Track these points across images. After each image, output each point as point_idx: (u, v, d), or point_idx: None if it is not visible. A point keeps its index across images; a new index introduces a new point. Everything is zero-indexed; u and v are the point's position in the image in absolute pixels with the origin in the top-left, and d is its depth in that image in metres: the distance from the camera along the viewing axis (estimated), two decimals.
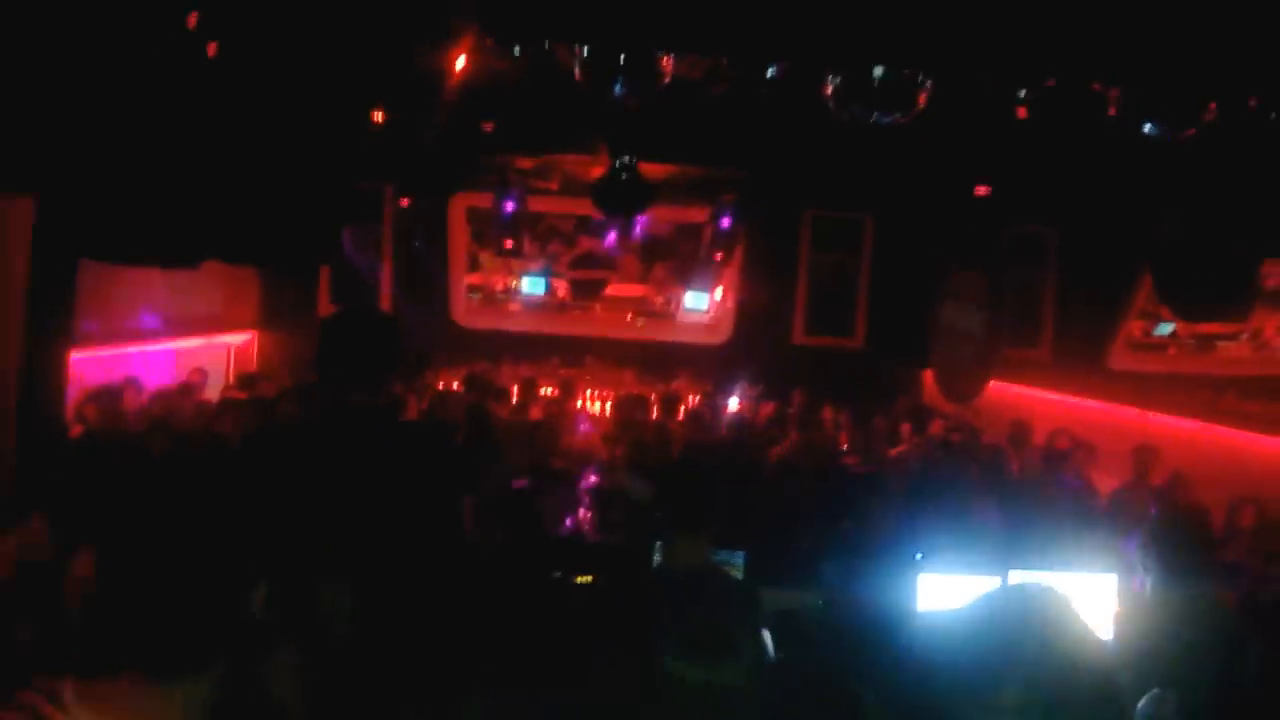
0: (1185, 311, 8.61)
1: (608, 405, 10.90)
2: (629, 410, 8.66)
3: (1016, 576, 4.51)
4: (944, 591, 4.36)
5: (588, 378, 11.55)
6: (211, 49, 5.71)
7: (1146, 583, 4.15)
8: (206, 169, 5.50)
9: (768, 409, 9.61)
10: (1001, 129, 6.39)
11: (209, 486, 1.63)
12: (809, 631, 4.31)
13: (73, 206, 5.09)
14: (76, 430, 6.45)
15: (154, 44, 5.38)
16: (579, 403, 10.77)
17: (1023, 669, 2.39)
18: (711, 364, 11.93)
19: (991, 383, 9.54)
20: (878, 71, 4.71)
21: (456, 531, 3.27)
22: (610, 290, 13.45)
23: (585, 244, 13.74)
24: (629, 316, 13.12)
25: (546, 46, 5.04)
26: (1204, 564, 4.62)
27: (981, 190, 8.27)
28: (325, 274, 11.56)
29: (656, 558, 4.18)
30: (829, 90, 4.91)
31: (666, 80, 4.79)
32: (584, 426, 7.84)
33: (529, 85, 5.99)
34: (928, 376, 11.43)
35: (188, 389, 8.40)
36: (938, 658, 2.84)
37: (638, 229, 11.26)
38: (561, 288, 13.34)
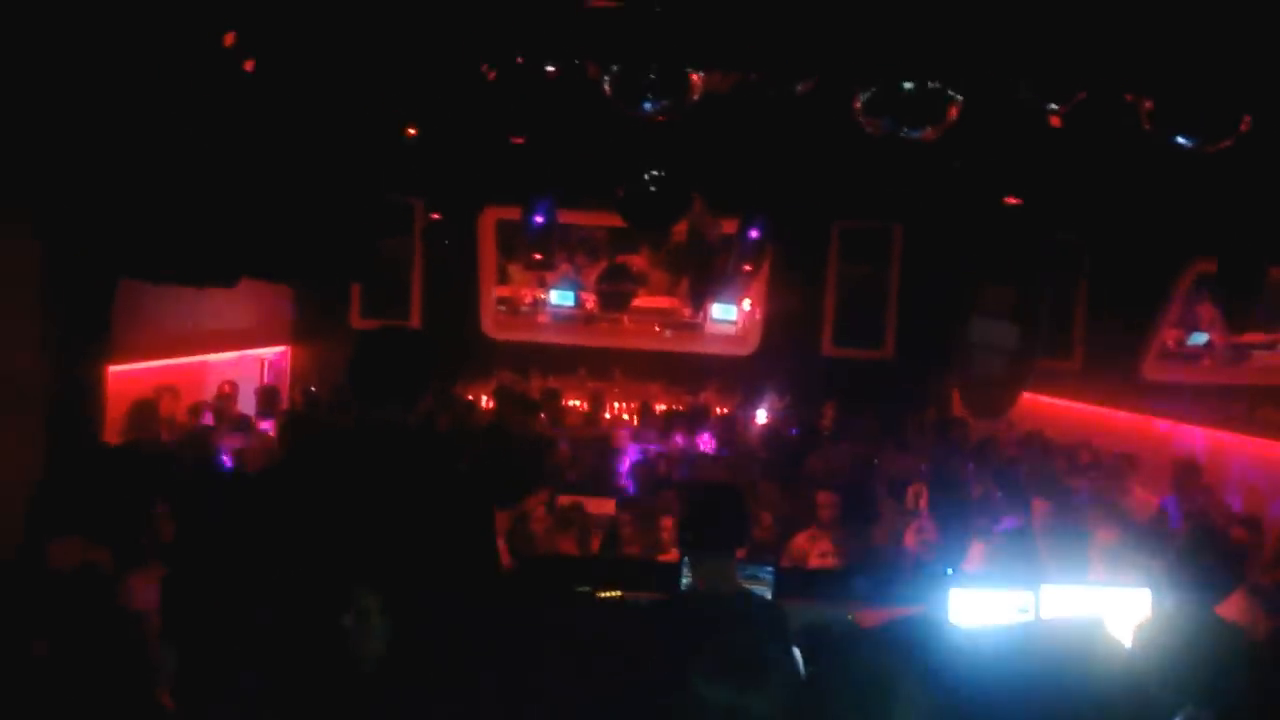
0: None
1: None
2: None
3: (1049, 591, 4.48)
4: (976, 606, 4.34)
5: (616, 390, 11.57)
6: (249, 66, 5.81)
7: (1174, 598, 4.10)
8: (242, 187, 5.59)
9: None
10: (1033, 139, 6.36)
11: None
12: (840, 647, 4.29)
13: (112, 225, 5.18)
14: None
15: (191, 63, 5.47)
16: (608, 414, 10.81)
17: (1061, 698, 2.39)
18: (739, 375, 11.91)
19: (1023, 394, 9.45)
20: (907, 85, 4.70)
21: (484, 548, 3.29)
22: (638, 302, 13.47)
23: (617, 257, 13.77)
24: (657, 328, 13.13)
25: (576, 62, 5.07)
26: (1231, 581, 4.56)
27: (1012, 200, 8.21)
28: (357, 288, 11.69)
29: (685, 576, 4.20)
30: (858, 104, 4.91)
31: (696, 96, 4.82)
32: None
33: (559, 100, 6.03)
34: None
35: (225, 400, 8.54)
36: (977, 683, 2.83)
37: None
38: (590, 300, 13.39)
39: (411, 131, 8.28)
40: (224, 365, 10.05)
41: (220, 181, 5.41)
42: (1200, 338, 12.51)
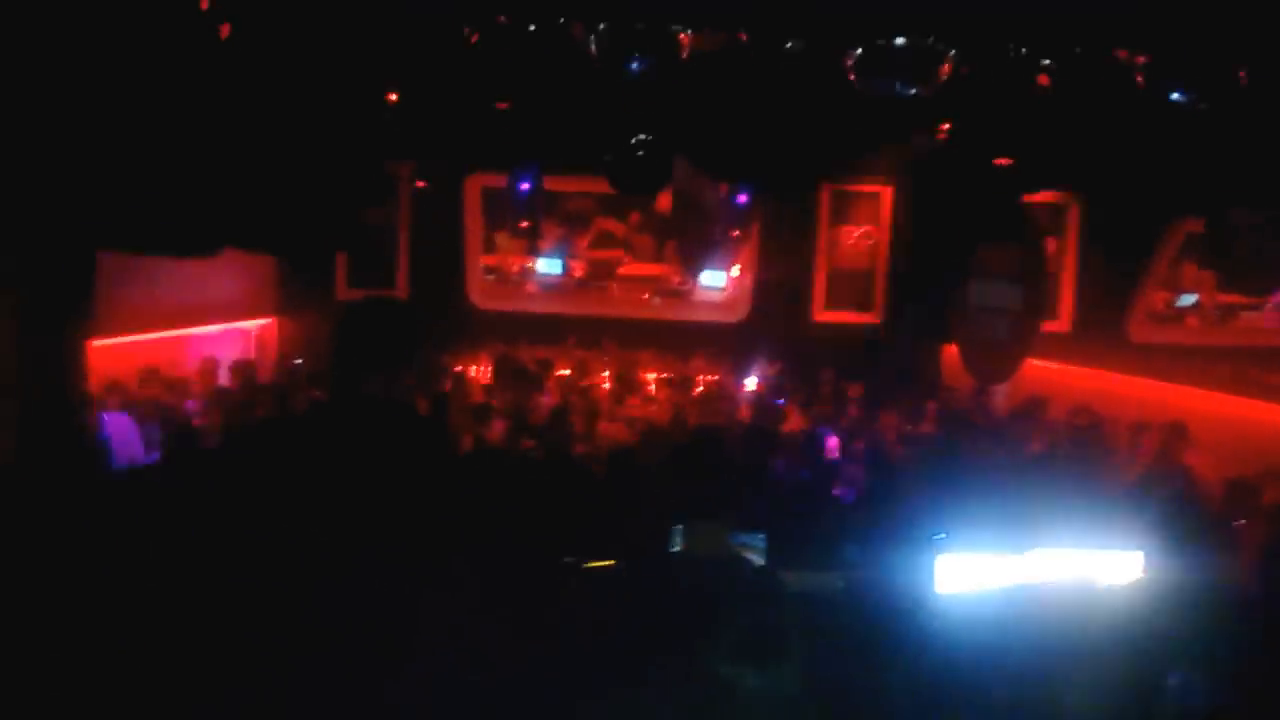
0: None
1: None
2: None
3: (1037, 554, 4.48)
4: (964, 570, 4.33)
5: (605, 359, 11.51)
6: (224, 31, 5.68)
7: (1169, 560, 4.10)
8: (221, 155, 5.48)
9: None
10: (1023, 98, 6.29)
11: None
12: (830, 614, 4.29)
13: (89, 196, 5.08)
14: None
15: (167, 29, 5.35)
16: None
17: (1053, 662, 2.37)
18: (730, 343, 11.87)
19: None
20: (899, 43, 4.63)
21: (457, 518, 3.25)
22: (625, 270, 13.38)
23: (601, 224, 13.66)
24: (645, 296, 13.05)
25: (562, 22, 4.97)
26: (1209, 541, 4.57)
27: (1002, 160, 8.14)
28: (342, 259, 11.57)
29: (676, 543, 4.17)
30: (850, 62, 4.83)
31: (685, 55, 4.72)
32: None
33: (545, 62, 5.92)
34: (949, 353, 11.33)
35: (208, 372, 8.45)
36: (962, 646, 2.82)
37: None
38: (578, 268, 13.29)
39: (393, 97, 8.17)
40: (209, 338, 9.95)
41: (200, 150, 5.30)
42: (1188, 299, 12.52)
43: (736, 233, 11.62)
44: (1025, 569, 4.37)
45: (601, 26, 4.59)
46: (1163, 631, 3.16)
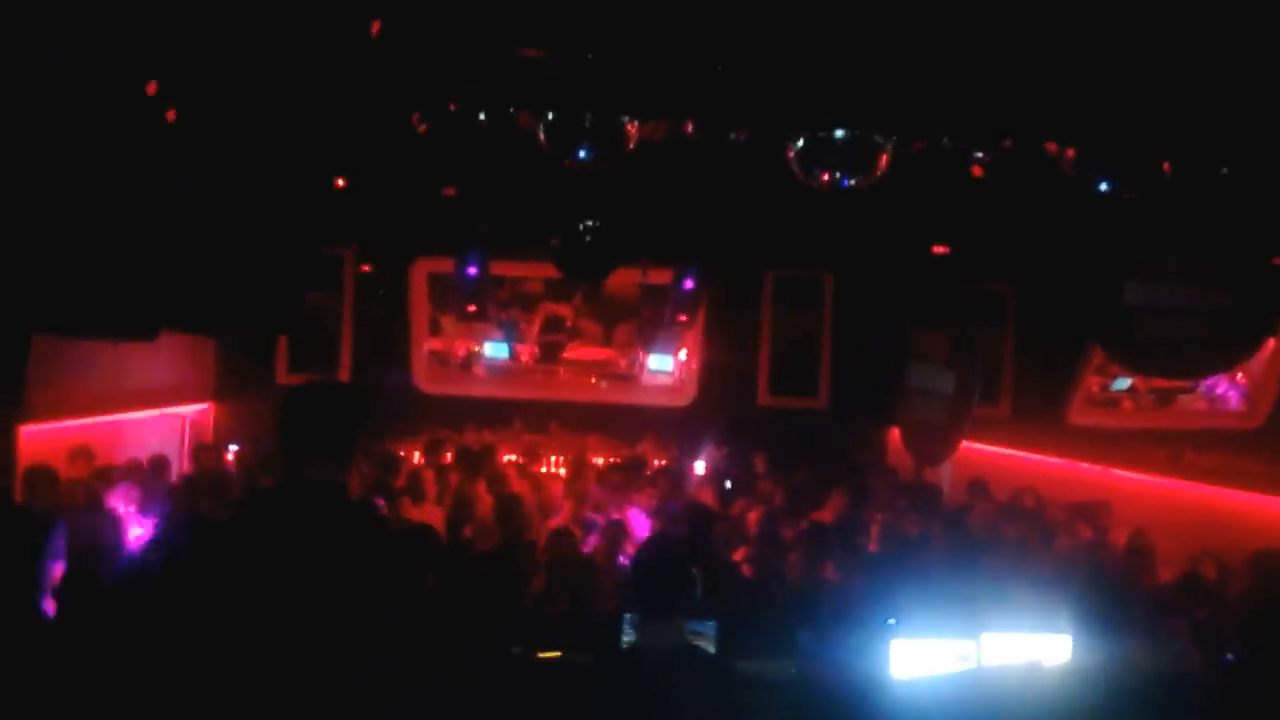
0: (1147, 367, 8.70)
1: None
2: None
3: (990, 639, 4.47)
4: (918, 656, 4.30)
5: (552, 443, 11.42)
6: (170, 115, 5.66)
7: (1096, 643, 4.09)
8: (162, 237, 5.41)
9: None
10: (958, 188, 6.50)
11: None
12: (784, 703, 4.21)
13: (23, 278, 4.96)
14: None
15: (111, 111, 5.31)
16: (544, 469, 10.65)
17: None
18: (677, 426, 11.86)
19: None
20: (839, 134, 4.77)
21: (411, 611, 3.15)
22: (571, 354, 13.39)
23: (550, 308, 13.71)
24: (593, 380, 13.05)
25: (511, 111, 5.04)
26: (1132, 623, 4.57)
27: (940, 249, 8.37)
28: (284, 343, 11.41)
29: (628, 634, 4.08)
30: (791, 154, 4.96)
31: (632, 145, 4.81)
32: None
33: (492, 150, 6.00)
34: (892, 435, 11.45)
35: (159, 467, 8.14)
36: None
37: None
38: (525, 352, 13.27)
39: (340, 183, 8.18)
40: (143, 424, 9.68)
41: (139, 232, 5.22)
42: (1123, 383, 12.82)
43: (684, 318, 11.71)
44: (977, 653, 4.35)
45: (550, 116, 4.67)
46: (1097, 715, 3.14)
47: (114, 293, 5.14)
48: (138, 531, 6.20)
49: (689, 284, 11.20)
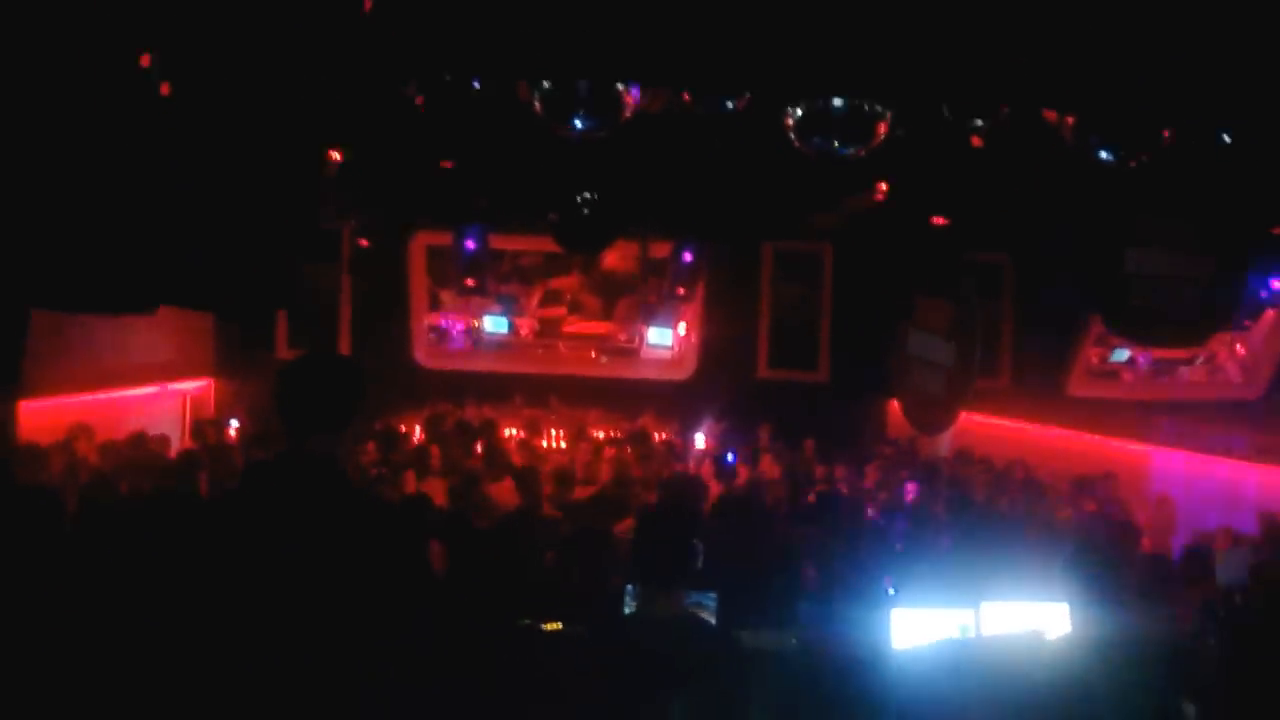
0: (1144, 338, 8.69)
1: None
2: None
3: (989, 608, 4.49)
4: (917, 626, 4.32)
5: (552, 417, 11.43)
6: (164, 89, 5.62)
7: (1095, 612, 4.10)
8: (159, 211, 5.38)
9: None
10: (957, 158, 6.46)
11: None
12: (785, 674, 4.24)
13: (19, 254, 4.94)
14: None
15: (105, 85, 5.27)
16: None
17: (1003, 715, 2.34)
18: (676, 400, 11.87)
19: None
20: (837, 103, 4.74)
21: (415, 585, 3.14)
22: (570, 328, 13.37)
23: (549, 282, 13.67)
24: (592, 354, 13.04)
25: (505, 81, 5.00)
26: (1126, 591, 4.57)
27: (939, 220, 8.33)
28: (283, 318, 11.39)
29: (630, 604, 4.10)
30: (789, 122, 4.93)
31: (628, 114, 4.78)
32: None
33: (490, 122, 5.95)
34: (892, 408, 11.46)
35: (139, 442, 8.15)
36: (916, 703, 2.79)
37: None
38: (524, 326, 13.25)
39: (336, 156, 8.13)
40: (143, 400, 9.70)
41: (136, 206, 5.19)
42: (1123, 354, 12.81)
43: (683, 291, 11.69)
44: (976, 622, 4.37)
45: (546, 85, 4.63)
46: (1098, 684, 3.15)
47: (111, 267, 5.12)
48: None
49: (688, 257, 11.18)
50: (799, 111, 4.86)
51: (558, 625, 4.55)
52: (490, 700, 3.07)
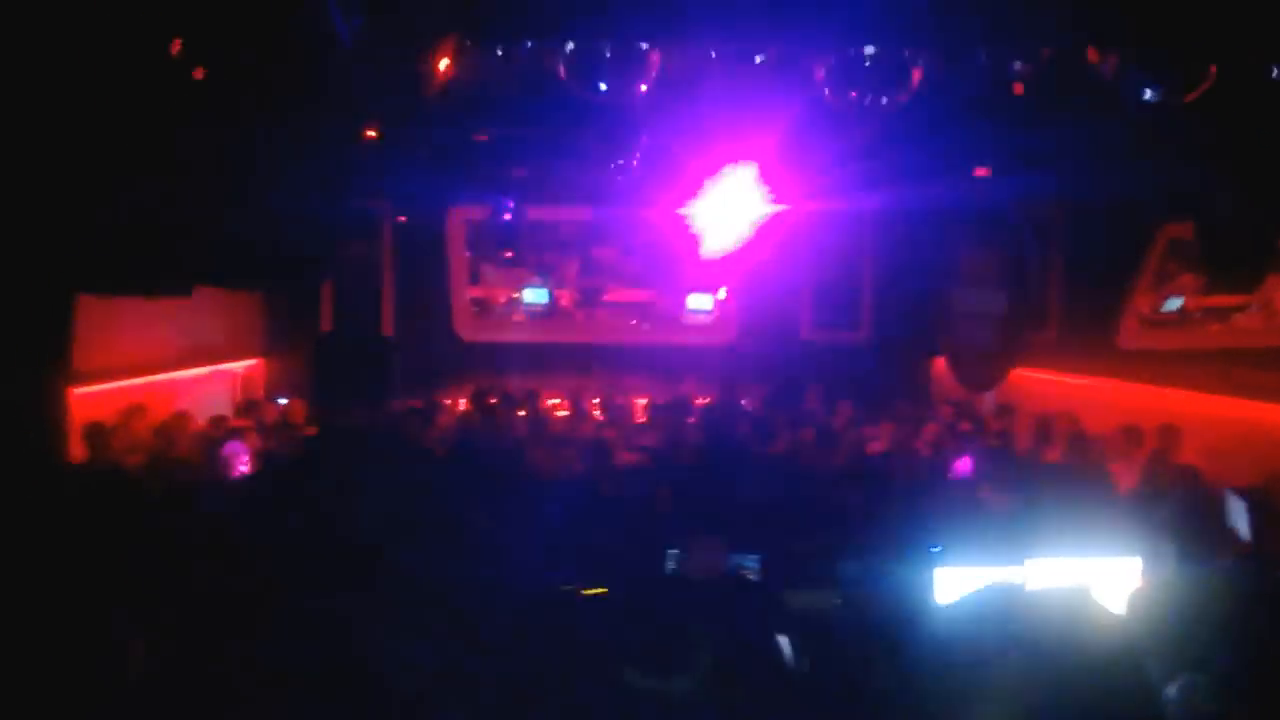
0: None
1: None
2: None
3: (1035, 564, 4.43)
4: (962, 583, 4.27)
5: (595, 386, 11.45)
6: (198, 73, 5.66)
7: (1169, 564, 4.03)
8: (195, 193, 5.45)
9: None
10: (998, 106, 6.30)
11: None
12: (829, 633, 4.22)
13: (60, 239, 5.03)
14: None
15: (141, 71, 5.33)
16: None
17: (1052, 668, 2.30)
18: (719, 364, 11.83)
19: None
20: (869, 51, 4.63)
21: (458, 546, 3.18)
22: (613, 296, 13.36)
23: (592, 251, 13.66)
24: (633, 321, 13.03)
25: (529, 46, 4.96)
26: (1226, 543, 4.49)
27: (981, 171, 8.15)
28: (328, 297, 11.53)
29: (670, 565, 4.10)
30: (821, 74, 4.83)
31: (654, 73, 4.71)
32: None
33: (518, 90, 5.91)
34: (937, 366, 11.31)
35: (181, 419, 8.32)
36: (951, 652, 2.76)
37: None
38: (564, 296, 13.27)
39: (372, 134, 8.15)
40: (195, 381, 9.87)
41: (171, 189, 5.26)
42: (1175, 303, 12.50)
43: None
44: (1024, 579, 4.32)
45: (569, 47, 4.58)
46: (1166, 635, 3.09)
47: (148, 251, 5.19)
48: None
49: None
50: (830, 61, 4.76)
51: (599, 590, 4.56)
52: (532, 664, 3.09)
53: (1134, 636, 3.10)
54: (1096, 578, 4.21)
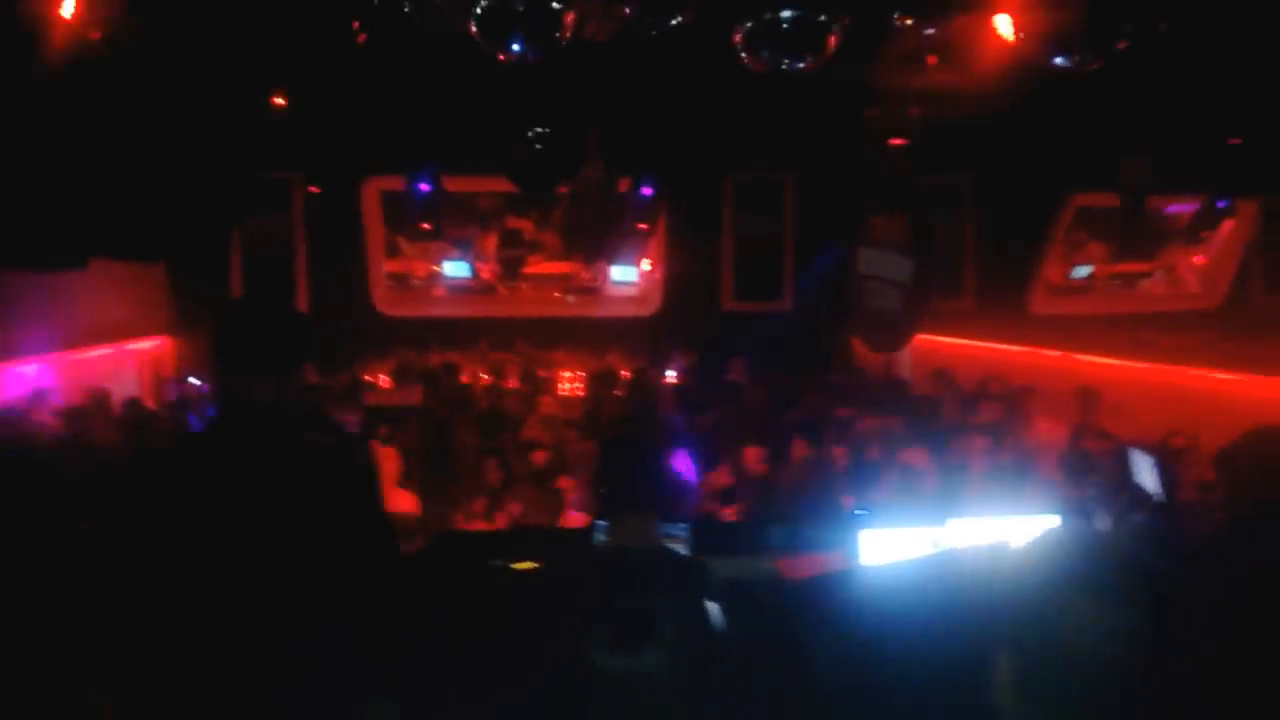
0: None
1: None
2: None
3: (955, 525, 4.50)
4: (886, 545, 4.33)
5: (518, 360, 11.34)
6: (95, 34, 5.37)
7: (1104, 522, 4.12)
8: (87, 162, 5.17)
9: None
10: (913, 77, 6.35)
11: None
12: (758, 599, 4.23)
13: None
14: None
15: (31, 31, 5.03)
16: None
17: (973, 625, 2.31)
18: (643, 336, 11.81)
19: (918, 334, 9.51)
20: (786, 14, 4.60)
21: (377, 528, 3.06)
22: (536, 268, 13.22)
23: (510, 223, 13.47)
24: (556, 294, 12.92)
25: (440, 3, 4.80)
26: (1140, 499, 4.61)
27: (897, 141, 8.23)
28: (237, 273, 11.16)
29: (598, 537, 4.05)
30: (738, 38, 4.78)
31: (568, 35, 4.60)
32: None
33: (429, 54, 5.75)
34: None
35: (101, 404, 7.98)
36: (884, 619, 2.78)
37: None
38: (485, 270, 13.07)
39: (280, 101, 7.86)
40: (99, 361, 9.47)
41: (64, 158, 4.98)
42: (1083, 270, 12.89)
43: (644, 226, 11.54)
44: (946, 539, 4.38)
45: (481, 5, 4.44)
46: (1078, 582, 3.14)
47: (39, 222, 4.92)
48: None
49: (647, 191, 11.01)
50: (747, 25, 4.72)
51: (529, 565, 4.51)
52: (462, 643, 3.02)
53: (1055, 581, 3.15)
54: (1016, 536, 4.30)
